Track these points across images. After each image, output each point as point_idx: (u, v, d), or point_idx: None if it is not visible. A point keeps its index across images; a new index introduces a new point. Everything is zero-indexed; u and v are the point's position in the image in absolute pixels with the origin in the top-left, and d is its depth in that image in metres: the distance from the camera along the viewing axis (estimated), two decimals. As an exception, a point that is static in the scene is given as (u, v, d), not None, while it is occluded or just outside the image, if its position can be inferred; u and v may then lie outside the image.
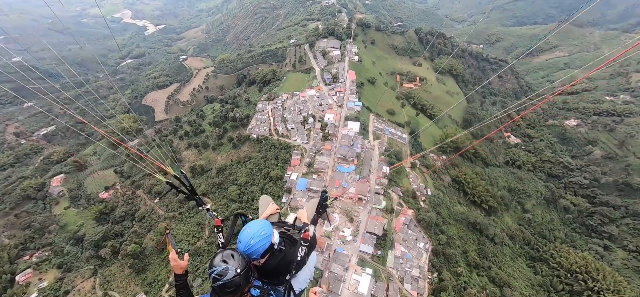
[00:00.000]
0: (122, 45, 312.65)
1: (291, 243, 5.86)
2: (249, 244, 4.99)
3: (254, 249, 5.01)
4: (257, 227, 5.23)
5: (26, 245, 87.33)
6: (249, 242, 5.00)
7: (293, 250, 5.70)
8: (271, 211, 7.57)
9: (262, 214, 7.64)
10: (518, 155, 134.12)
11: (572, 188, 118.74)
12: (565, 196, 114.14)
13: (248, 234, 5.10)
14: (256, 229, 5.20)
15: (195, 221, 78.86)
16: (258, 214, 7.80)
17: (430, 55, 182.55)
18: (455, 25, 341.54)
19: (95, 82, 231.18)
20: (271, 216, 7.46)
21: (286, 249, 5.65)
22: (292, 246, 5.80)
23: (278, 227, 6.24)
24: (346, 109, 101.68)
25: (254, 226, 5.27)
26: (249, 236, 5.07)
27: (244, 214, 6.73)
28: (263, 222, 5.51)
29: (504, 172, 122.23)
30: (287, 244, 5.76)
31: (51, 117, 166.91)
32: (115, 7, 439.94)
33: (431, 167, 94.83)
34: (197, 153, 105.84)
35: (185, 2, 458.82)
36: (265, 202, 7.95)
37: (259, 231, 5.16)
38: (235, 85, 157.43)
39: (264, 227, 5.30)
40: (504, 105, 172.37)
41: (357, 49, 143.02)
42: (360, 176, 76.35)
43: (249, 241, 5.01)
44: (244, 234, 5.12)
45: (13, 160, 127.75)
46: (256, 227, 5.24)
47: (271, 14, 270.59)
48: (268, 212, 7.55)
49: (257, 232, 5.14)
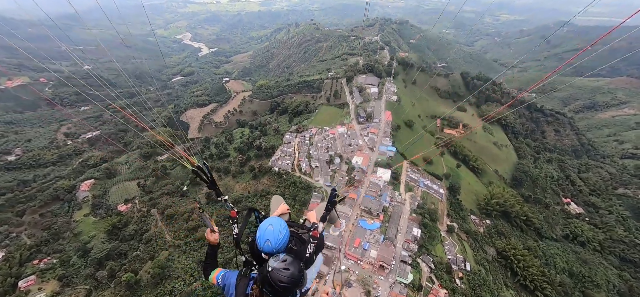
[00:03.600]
0: (177, 63, 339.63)
1: (301, 243, 6.02)
2: (278, 237, 5.09)
3: (283, 242, 5.13)
4: (278, 223, 5.31)
5: (40, 248, 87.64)
6: (278, 235, 5.10)
7: (303, 248, 5.88)
8: (282, 210, 7.97)
9: (273, 212, 8.02)
10: (581, 229, 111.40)
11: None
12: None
13: (273, 230, 5.16)
14: (278, 225, 5.27)
15: (197, 256, 72.79)
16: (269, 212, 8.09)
17: (476, 101, 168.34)
18: (505, 70, 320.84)
19: (145, 94, 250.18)
20: (282, 216, 7.75)
21: (297, 248, 5.82)
22: (301, 245, 5.96)
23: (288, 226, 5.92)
24: (377, 153, 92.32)
25: (275, 222, 5.32)
26: (276, 231, 5.15)
27: (257, 210, 7.07)
28: (280, 219, 5.49)
29: (563, 249, 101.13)
30: (297, 243, 5.92)
31: (100, 122, 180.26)
32: (179, 30, 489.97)
33: (473, 233, 79.98)
34: (216, 178, 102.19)
35: (239, 29, 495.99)
36: (277, 202, 8.42)
37: (282, 226, 5.28)
38: (268, 112, 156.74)
39: (282, 222, 5.39)
40: (561, 164, 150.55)
41: (396, 88, 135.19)
42: (384, 236, 65.10)
43: (278, 235, 5.10)
44: (269, 231, 5.14)
45: (56, 159, 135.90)
46: (278, 223, 5.32)
47: (314, 45, 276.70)
48: (279, 211, 7.94)
49: (280, 227, 5.24)
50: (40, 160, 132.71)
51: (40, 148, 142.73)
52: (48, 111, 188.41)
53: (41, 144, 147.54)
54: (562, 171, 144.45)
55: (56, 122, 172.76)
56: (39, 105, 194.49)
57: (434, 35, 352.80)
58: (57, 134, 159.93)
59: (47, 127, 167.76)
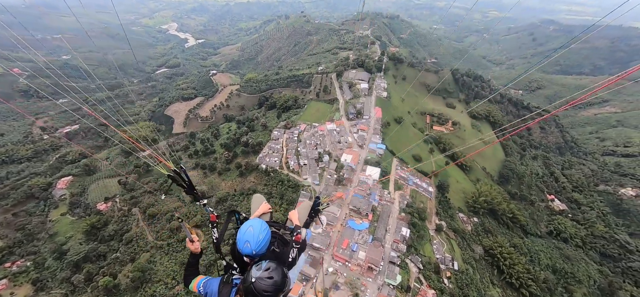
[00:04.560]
0: (162, 54, 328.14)
1: (283, 244, 5.95)
2: (258, 239, 5.01)
3: (263, 244, 5.06)
4: (259, 225, 5.21)
5: (13, 249, 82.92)
6: (258, 237, 5.02)
7: (285, 251, 5.78)
8: (264, 209, 7.63)
9: (254, 212, 7.72)
10: (564, 225, 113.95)
11: (632, 275, 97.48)
12: (624, 287, 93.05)
13: (253, 232, 5.06)
14: (258, 226, 5.18)
15: (180, 258, 70.03)
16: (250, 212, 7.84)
17: (465, 97, 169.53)
18: (493, 67, 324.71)
19: (129, 86, 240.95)
20: (263, 215, 7.49)
21: (280, 250, 5.73)
22: (284, 247, 5.89)
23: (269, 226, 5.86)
24: (367, 151, 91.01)
25: (255, 224, 5.22)
26: (256, 233, 5.05)
27: (238, 211, 6.90)
28: (260, 221, 5.38)
29: (548, 245, 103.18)
30: (279, 245, 5.85)
31: (77, 116, 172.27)
32: (164, 19, 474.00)
33: (461, 231, 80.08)
34: (202, 175, 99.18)
35: (227, 20, 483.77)
36: (258, 201, 8.03)
37: (262, 227, 5.18)
38: (257, 107, 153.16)
39: (263, 224, 5.28)
40: (545, 161, 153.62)
41: (386, 85, 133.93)
42: (373, 237, 64.10)
43: (258, 237, 5.02)
44: (249, 233, 5.04)
45: (31, 154, 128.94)
46: (258, 224, 5.21)
47: (305, 39, 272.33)
48: (260, 211, 7.60)
49: (260, 228, 5.14)
50: (13, 156, 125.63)
51: (13, 143, 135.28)
52: (22, 103, 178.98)
53: (15, 139, 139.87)
54: (547, 168, 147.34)
55: (32, 114, 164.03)
56: (13, 97, 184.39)
57: (424, 31, 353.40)
58: (32, 128, 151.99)
59: (22, 120, 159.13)
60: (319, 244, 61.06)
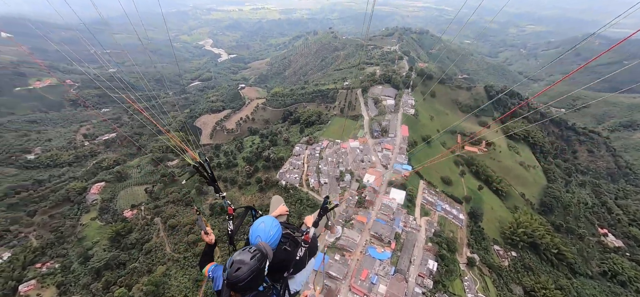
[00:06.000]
0: (196, 68, 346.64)
1: (294, 245, 6.11)
2: (268, 234, 5.20)
3: (273, 240, 5.22)
4: (270, 221, 5.42)
5: (45, 250, 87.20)
6: (269, 232, 5.21)
7: (295, 250, 5.96)
8: (281, 211, 8.13)
9: (272, 212, 8.15)
10: (621, 265, 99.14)
11: None
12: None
13: (264, 227, 5.27)
14: (270, 223, 5.38)
15: (194, 275, 68.95)
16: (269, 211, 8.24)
17: (501, 116, 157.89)
18: (531, 84, 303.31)
19: (164, 97, 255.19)
20: (280, 217, 7.96)
21: (291, 249, 5.93)
22: (295, 247, 6.06)
23: (284, 227, 6.22)
24: (391, 172, 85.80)
25: (268, 220, 5.44)
26: (267, 228, 5.26)
27: (254, 208, 7.20)
28: (273, 218, 5.60)
29: (601, 289, 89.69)
30: (291, 245, 6.02)
31: (118, 124, 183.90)
32: (201, 36, 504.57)
33: (497, 267, 71.48)
34: (222, 188, 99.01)
35: (259, 36, 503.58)
36: (277, 202, 8.53)
37: (274, 224, 5.38)
38: (281, 121, 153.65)
39: (275, 221, 5.49)
40: (595, 188, 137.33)
41: (414, 102, 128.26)
42: (395, 268, 58.52)
43: (268, 232, 5.21)
44: (261, 228, 5.26)
45: (72, 159, 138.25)
46: (270, 221, 5.43)
47: (332, 54, 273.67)
48: (278, 212, 8.09)
49: (272, 225, 5.35)
50: (57, 160, 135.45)
51: (58, 148, 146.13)
52: (71, 112, 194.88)
53: (60, 144, 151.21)
54: (597, 197, 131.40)
55: (77, 122, 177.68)
56: (63, 105, 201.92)
57: (455, 46, 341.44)
58: (76, 135, 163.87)
59: (68, 127, 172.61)
60: (335, 273, 56.70)
